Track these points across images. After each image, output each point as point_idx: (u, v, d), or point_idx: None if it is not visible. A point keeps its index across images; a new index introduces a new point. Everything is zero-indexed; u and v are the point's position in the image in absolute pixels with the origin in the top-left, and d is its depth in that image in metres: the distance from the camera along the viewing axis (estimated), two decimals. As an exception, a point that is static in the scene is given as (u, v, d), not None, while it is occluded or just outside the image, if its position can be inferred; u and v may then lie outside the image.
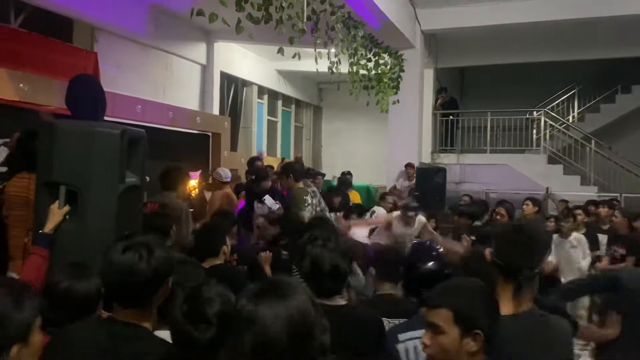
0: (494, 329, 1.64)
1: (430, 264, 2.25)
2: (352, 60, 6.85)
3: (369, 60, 7.43)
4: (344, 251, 2.28)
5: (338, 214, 6.19)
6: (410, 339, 2.10)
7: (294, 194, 5.59)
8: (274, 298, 1.31)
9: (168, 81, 8.90)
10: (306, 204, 5.49)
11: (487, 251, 1.93)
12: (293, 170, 5.83)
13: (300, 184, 5.69)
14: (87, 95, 3.47)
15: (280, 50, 5.32)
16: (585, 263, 5.59)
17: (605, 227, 6.39)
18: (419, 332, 2.01)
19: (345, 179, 8.28)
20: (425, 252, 2.37)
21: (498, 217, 5.42)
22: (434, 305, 1.66)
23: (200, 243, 3.39)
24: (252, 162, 7.58)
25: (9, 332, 1.42)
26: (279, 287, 1.35)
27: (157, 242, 1.77)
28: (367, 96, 7.31)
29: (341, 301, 2.22)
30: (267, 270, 3.88)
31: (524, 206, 5.94)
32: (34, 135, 3.17)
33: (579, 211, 6.30)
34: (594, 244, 5.93)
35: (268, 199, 6.09)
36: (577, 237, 5.71)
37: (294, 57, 5.61)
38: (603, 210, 6.68)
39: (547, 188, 8.09)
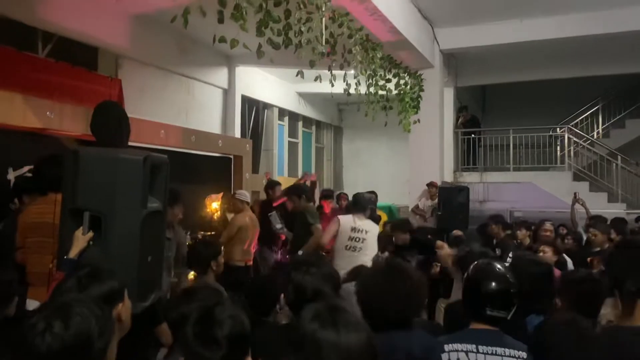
0: None
1: (494, 283, 2.22)
2: (370, 81, 6.89)
3: (388, 80, 7.46)
4: (327, 276, 2.25)
5: None
6: (455, 350, 2.12)
7: (308, 210, 6.02)
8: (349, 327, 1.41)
9: (190, 105, 9.05)
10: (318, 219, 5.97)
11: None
12: (304, 191, 6.27)
13: (311, 203, 6.26)
14: (111, 121, 3.55)
15: (300, 74, 5.38)
16: None
17: None
18: (462, 346, 2.12)
19: (359, 199, 7.92)
20: (488, 270, 2.32)
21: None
22: None
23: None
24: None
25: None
26: (346, 315, 1.44)
27: (84, 303, 1.49)
28: (385, 116, 7.31)
29: None
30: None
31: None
32: (49, 160, 3.24)
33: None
34: None
35: (274, 217, 6.26)
36: None
37: (315, 80, 5.68)
38: None
39: (575, 193, 7.91)
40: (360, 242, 5.26)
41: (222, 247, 3.89)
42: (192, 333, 1.65)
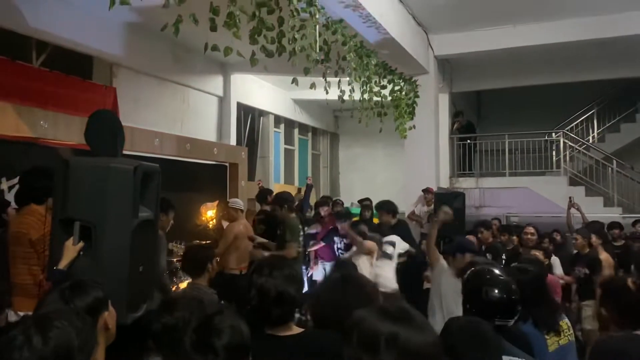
0: None
1: (497, 290, 2.20)
2: (364, 88, 6.89)
3: (383, 87, 7.46)
4: (291, 277, 2.22)
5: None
6: None
7: (289, 222, 5.87)
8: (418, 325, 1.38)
9: (185, 113, 9.05)
10: (300, 234, 5.87)
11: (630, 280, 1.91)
12: (286, 200, 6.08)
13: (293, 214, 6.00)
14: (105, 130, 3.53)
15: (295, 81, 5.39)
16: None
17: None
18: None
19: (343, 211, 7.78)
20: (487, 277, 2.30)
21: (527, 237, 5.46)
22: None
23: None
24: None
25: None
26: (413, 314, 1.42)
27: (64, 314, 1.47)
28: (380, 123, 7.31)
29: (295, 329, 2.15)
30: None
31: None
32: (34, 172, 3.23)
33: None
34: None
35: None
36: None
37: (311, 87, 5.69)
38: None
39: (571, 198, 7.93)
40: None
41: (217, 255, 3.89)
42: (189, 342, 1.64)
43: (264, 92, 11.19)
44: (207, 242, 6.79)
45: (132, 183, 2.35)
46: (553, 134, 11.22)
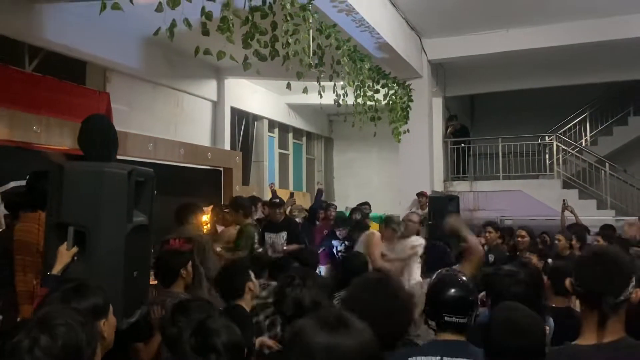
0: None
1: (452, 290, 2.22)
2: (357, 92, 6.90)
3: (377, 91, 7.48)
4: (323, 286, 2.24)
5: None
6: None
7: (244, 230, 5.50)
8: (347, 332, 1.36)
9: (179, 118, 9.03)
10: (255, 243, 5.45)
11: (568, 281, 1.89)
12: (242, 205, 5.71)
13: (249, 220, 5.65)
14: (99, 135, 3.52)
15: (289, 86, 5.39)
16: None
17: None
18: (427, 358, 2.08)
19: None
20: (449, 279, 2.32)
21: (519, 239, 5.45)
22: None
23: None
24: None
25: None
26: (347, 321, 1.41)
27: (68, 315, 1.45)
28: (374, 127, 7.32)
29: None
30: None
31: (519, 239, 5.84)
32: (41, 175, 3.20)
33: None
34: None
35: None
36: None
37: (303, 92, 5.68)
38: None
39: (564, 200, 7.97)
40: None
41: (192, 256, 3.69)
42: (189, 346, 1.66)
43: (258, 96, 11.20)
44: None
45: (126, 187, 2.34)
46: (546, 137, 11.30)
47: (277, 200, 6.59)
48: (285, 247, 6.04)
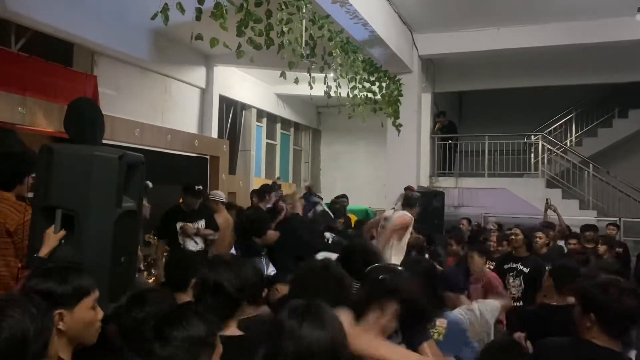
0: None
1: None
2: (352, 84, 6.88)
3: (372, 83, 7.47)
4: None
5: None
6: None
7: None
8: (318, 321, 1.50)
9: (167, 104, 8.94)
10: None
11: None
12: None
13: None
14: (85, 118, 3.46)
15: (283, 75, 5.35)
16: None
17: None
18: None
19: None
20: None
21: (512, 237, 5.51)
22: None
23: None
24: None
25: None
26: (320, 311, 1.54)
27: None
28: (372, 119, 7.32)
29: None
30: None
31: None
32: (6, 155, 3.09)
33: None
34: None
35: None
36: None
37: (295, 82, 5.66)
38: None
39: (547, 199, 8.07)
40: None
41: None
42: (152, 336, 1.65)
43: (247, 85, 11.12)
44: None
45: (116, 172, 2.31)
46: (532, 136, 11.40)
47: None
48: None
